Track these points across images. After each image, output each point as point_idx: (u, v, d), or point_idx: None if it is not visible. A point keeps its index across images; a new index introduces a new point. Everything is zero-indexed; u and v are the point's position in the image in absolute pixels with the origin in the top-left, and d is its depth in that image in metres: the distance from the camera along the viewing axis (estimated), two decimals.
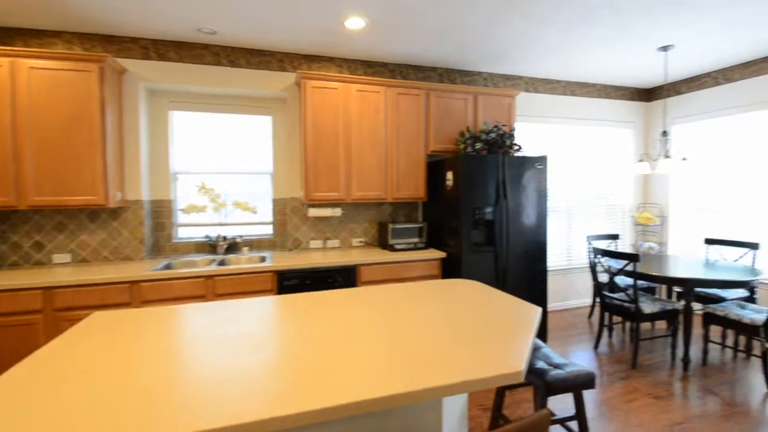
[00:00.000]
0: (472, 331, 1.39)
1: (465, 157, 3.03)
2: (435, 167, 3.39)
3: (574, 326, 3.84)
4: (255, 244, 3.31)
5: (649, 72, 3.91)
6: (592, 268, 3.22)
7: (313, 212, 3.31)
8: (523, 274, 3.25)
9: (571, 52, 3.36)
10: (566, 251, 4.38)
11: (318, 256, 3.04)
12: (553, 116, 4.20)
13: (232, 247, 3.17)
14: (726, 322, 2.81)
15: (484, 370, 1.09)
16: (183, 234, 3.20)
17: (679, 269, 3.02)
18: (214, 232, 3.23)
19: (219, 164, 3.27)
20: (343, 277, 2.88)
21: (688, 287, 2.82)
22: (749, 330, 2.67)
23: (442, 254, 3.18)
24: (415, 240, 3.38)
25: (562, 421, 1.81)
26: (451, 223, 3.17)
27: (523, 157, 3.20)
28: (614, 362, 3.07)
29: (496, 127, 3.27)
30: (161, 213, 3.12)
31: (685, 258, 3.46)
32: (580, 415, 1.73)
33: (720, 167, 3.93)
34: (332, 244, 3.45)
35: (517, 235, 3.21)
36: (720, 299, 3.19)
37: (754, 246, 3.21)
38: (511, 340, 1.30)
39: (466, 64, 3.65)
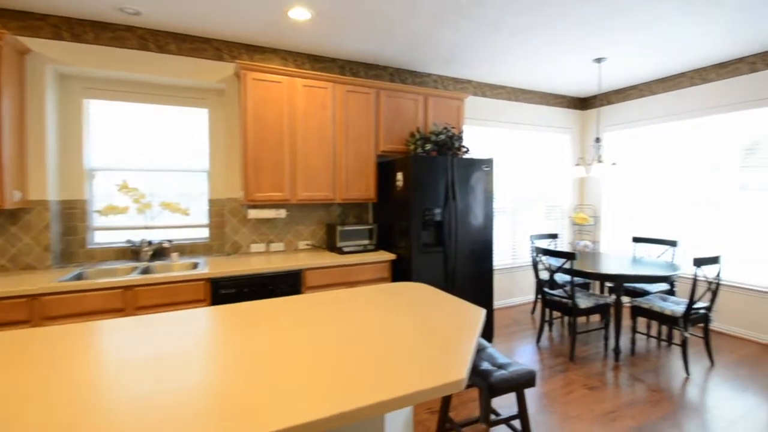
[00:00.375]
0: (415, 340, 1.32)
1: (415, 158, 3.00)
2: (385, 168, 3.33)
3: (519, 322, 3.99)
4: (188, 249, 3.02)
5: (584, 82, 4.16)
6: (534, 266, 3.35)
7: (254, 214, 3.09)
8: (471, 273, 3.29)
9: (515, 59, 3.47)
10: (511, 250, 4.54)
11: (259, 260, 2.84)
12: (499, 120, 4.33)
13: (160, 252, 2.85)
14: (650, 314, 3.05)
15: (425, 381, 1.02)
16: (101, 239, 2.83)
17: (610, 266, 3.22)
18: (140, 237, 2.89)
19: (145, 160, 2.94)
20: (287, 284, 2.71)
21: (618, 283, 3.02)
22: (670, 320, 2.91)
23: (392, 256, 3.12)
24: (365, 242, 3.29)
25: (506, 421, 1.82)
26: (401, 225, 3.12)
27: (471, 159, 3.24)
28: (554, 356, 3.21)
29: (445, 128, 3.29)
30: (73, 215, 2.73)
31: (616, 255, 3.72)
32: (522, 413, 1.75)
33: (645, 171, 4.30)
34: (276, 247, 3.25)
35: (466, 235, 3.25)
36: (645, 293, 3.47)
37: (673, 243, 3.53)
38: (454, 348, 1.25)
39: (416, 65, 3.64)
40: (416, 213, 3.02)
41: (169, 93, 3.01)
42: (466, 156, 3.74)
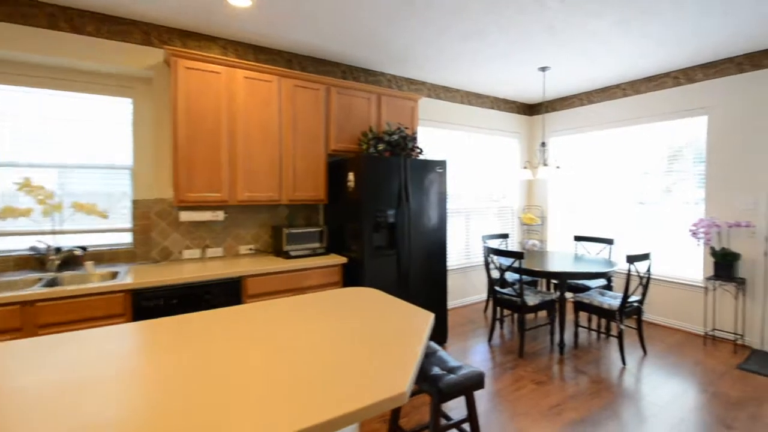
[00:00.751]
0: (359, 352, 1.21)
1: (368, 158, 2.90)
2: (337, 168, 3.19)
3: (472, 321, 4.03)
4: (107, 256, 2.65)
5: (532, 90, 4.33)
6: (486, 265, 3.39)
7: (187, 216, 2.80)
8: (425, 275, 3.25)
9: (469, 65, 3.51)
10: (465, 250, 4.60)
11: (193, 268, 2.56)
12: (453, 123, 4.38)
13: (71, 261, 2.46)
14: (591, 308, 3.20)
15: (363, 399, 0.92)
16: None
17: (555, 264, 3.35)
18: (46, 243, 2.49)
19: (55, 156, 2.55)
20: (225, 293, 2.47)
21: (562, 280, 3.13)
22: (608, 314, 3.07)
23: (343, 260, 2.99)
24: (315, 245, 3.12)
25: (457, 425, 1.77)
26: (353, 227, 3.00)
27: (425, 161, 3.21)
28: (505, 353, 3.26)
29: (399, 129, 3.22)
30: None
31: (561, 253, 3.89)
32: (471, 416, 1.71)
33: (586, 175, 4.57)
34: (214, 253, 2.98)
35: (419, 237, 3.20)
36: (587, 288, 3.65)
37: (609, 242, 3.76)
38: (399, 359, 1.16)
39: (370, 63, 3.55)
40: (368, 214, 2.92)
41: (85, 79, 2.65)
42: (420, 157, 3.72)
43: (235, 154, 2.77)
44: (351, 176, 3.01)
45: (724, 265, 3.28)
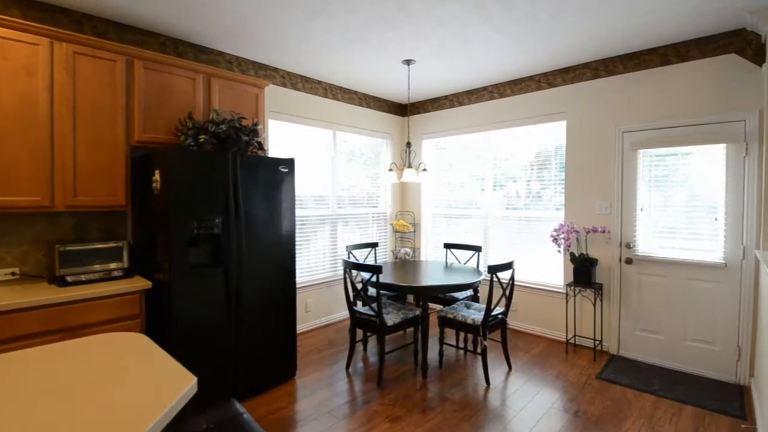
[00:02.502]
0: None
1: (179, 151, 2.25)
2: (144, 164, 2.48)
3: (334, 344, 3.55)
4: None
5: (401, 87, 4.06)
6: (345, 281, 2.94)
7: None
8: (266, 296, 2.68)
9: (320, 47, 3.04)
10: (331, 262, 4.14)
11: None
12: (316, 119, 3.90)
13: None
14: (455, 324, 2.93)
15: None
16: None
17: (420, 276, 3.03)
18: None
19: None
20: None
21: (424, 295, 2.81)
22: (472, 329, 2.82)
23: (146, 284, 2.28)
24: (111, 266, 2.36)
25: None
26: (161, 240, 2.31)
27: (264, 158, 2.66)
28: (365, 381, 2.84)
29: (231, 118, 2.62)
30: None
31: (431, 262, 3.62)
32: None
33: (456, 179, 4.43)
34: None
35: (258, 250, 2.63)
36: (454, 299, 3.40)
37: (478, 249, 3.60)
38: None
39: (201, 38, 2.90)
40: (180, 224, 2.26)
41: None
42: (270, 155, 3.16)
43: None
44: (157, 175, 2.32)
45: (583, 271, 3.28)
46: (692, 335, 2.97)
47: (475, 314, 2.92)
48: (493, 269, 2.71)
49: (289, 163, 2.80)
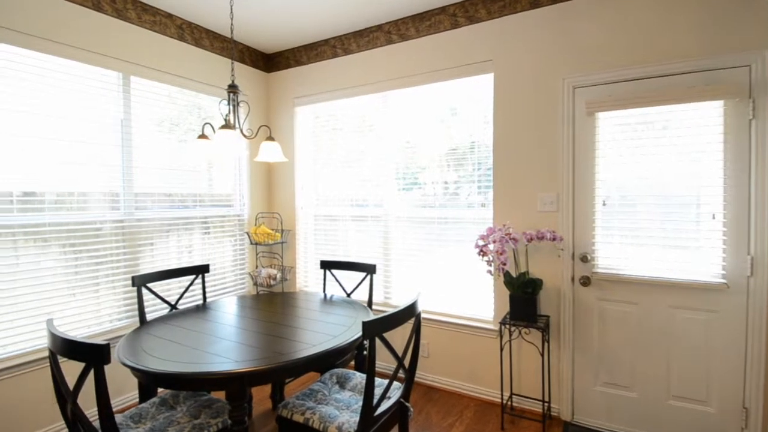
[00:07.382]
0: None
1: None
2: None
3: None
4: None
5: (262, 21, 2.50)
6: (52, 374, 1.28)
7: None
8: None
9: None
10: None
11: None
12: (81, 47, 2.14)
13: None
14: None
15: None
16: None
17: (249, 337, 1.52)
18: None
19: None
20: None
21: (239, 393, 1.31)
22: None
23: None
24: None
25: None
26: None
27: None
28: None
29: None
30: None
31: (302, 294, 2.14)
32: None
33: (343, 164, 3.00)
34: None
35: None
36: (331, 365, 1.95)
37: (370, 269, 2.24)
38: None
39: None
40: None
41: None
42: None
43: None
44: None
45: (524, 301, 2.11)
46: (678, 391, 1.97)
47: (346, 414, 1.51)
48: (376, 327, 1.33)
49: None
